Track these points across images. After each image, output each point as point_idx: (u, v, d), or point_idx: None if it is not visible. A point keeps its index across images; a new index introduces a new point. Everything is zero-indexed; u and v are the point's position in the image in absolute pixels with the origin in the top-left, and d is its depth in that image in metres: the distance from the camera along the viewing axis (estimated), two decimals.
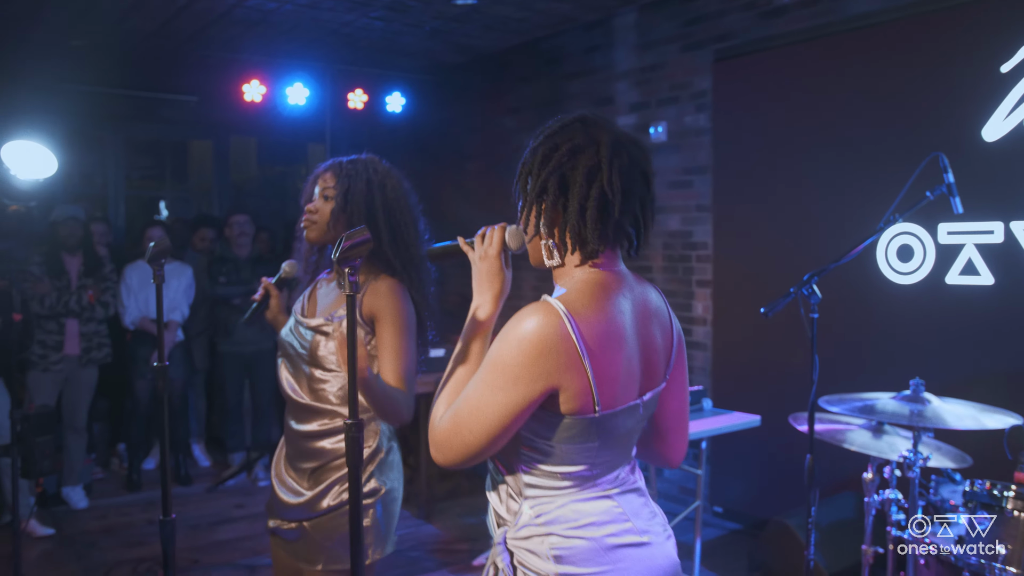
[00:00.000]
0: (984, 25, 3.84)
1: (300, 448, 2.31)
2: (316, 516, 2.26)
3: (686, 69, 5.22)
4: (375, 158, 2.37)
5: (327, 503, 2.25)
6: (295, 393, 2.31)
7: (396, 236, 2.30)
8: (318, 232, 2.32)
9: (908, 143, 4.07)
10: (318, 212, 2.30)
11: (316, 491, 2.26)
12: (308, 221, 2.32)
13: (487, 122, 6.76)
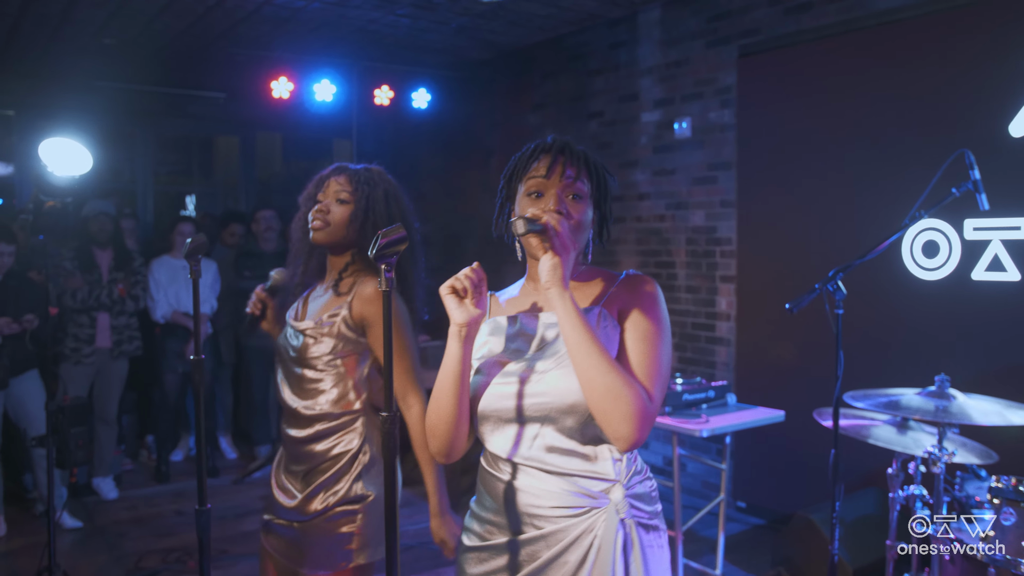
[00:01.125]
0: (1011, 20, 3.81)
1: (294, 452, 2.34)
2: (305, 519, 2.28)
3: (711, 65, 5.22)
4: (383, 170, 2.43)
5: (314, 507, 2.26)
6: (289, 398, 2.34)
7: (408, 255, 2.37)
8: (328, 234, 2.33)
9: (934, 139, 4.06)
10: (331, 213, 2.32)
11: (305, 493, 2.28)
12: (319, 222, 2.32)
13: (510, 118, 6.79)
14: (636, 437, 1.52)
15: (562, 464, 1.62)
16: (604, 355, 1.53)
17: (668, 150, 5.54)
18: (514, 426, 1.66)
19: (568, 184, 1.66)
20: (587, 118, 6.16)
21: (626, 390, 1.52)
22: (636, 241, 5.82)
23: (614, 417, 1.51)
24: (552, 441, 1.62)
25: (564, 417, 1.60)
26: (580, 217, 1.66)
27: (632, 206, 5.84)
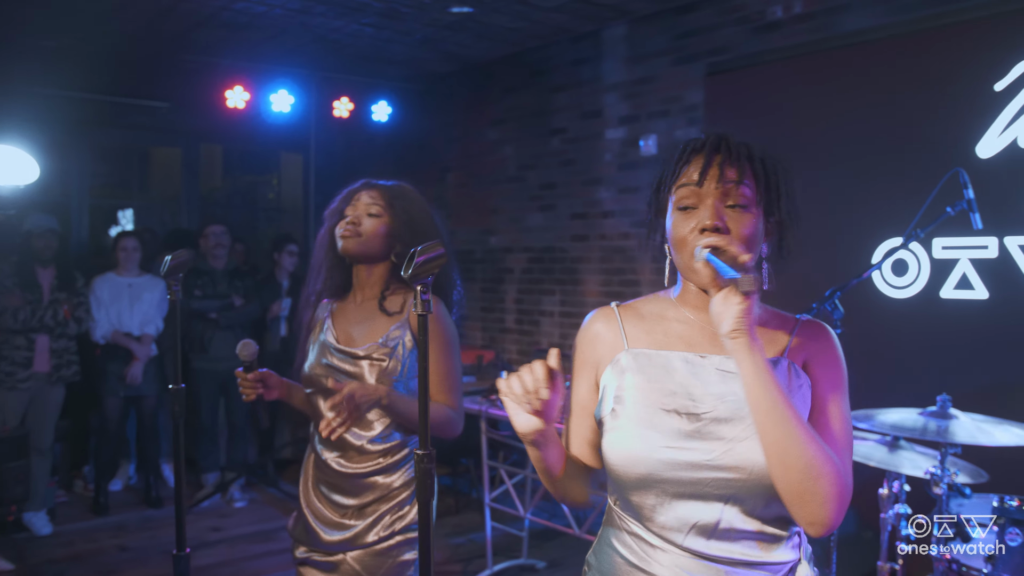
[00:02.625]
0: (978, 44, 3.88)
1: (346, 485, 2.26)
2: (362, 548, 2.21)
3: (677, 82, 5.21)
4: (405, 184, 2.41)
5: (377, 533, 2.21)
6: (350, 433, 2.25)
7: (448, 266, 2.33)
8: (359, 244, 2.28)
9: (904, 159, 4.10)
10: (362, 225, 2.28)
11: (364, 524, 2.22)
12: (350, 232, 2.27)
13: (468, 133, 6.69)
14: (833, 521, 1.26)
15: (748, 552, 1.35)
16: (801, 425, 1.25)
17: (633, 168, 5.51)
18: (689, 504, 1.35)
19: (728, 190, 1.36)
20: (549, 134, 6.09)
21: (827, 467, 1.25)
22: (600, 260, 5.76)
23: (813, 500, 1.24)
24: (738, 524, 1.34)
25: (757, 497, 1.32)
26: (747, 231, 1.35)
27: (596, 224, 5.79)
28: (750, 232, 1.35)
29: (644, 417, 1.37)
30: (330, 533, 2.24)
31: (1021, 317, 3.71)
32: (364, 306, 2.34)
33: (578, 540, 4.54)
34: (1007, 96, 3.76)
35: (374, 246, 2.29)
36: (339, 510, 2.25)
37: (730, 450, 1.32)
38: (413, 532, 2.22)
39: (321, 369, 2.30)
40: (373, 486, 2.22)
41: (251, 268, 6.35)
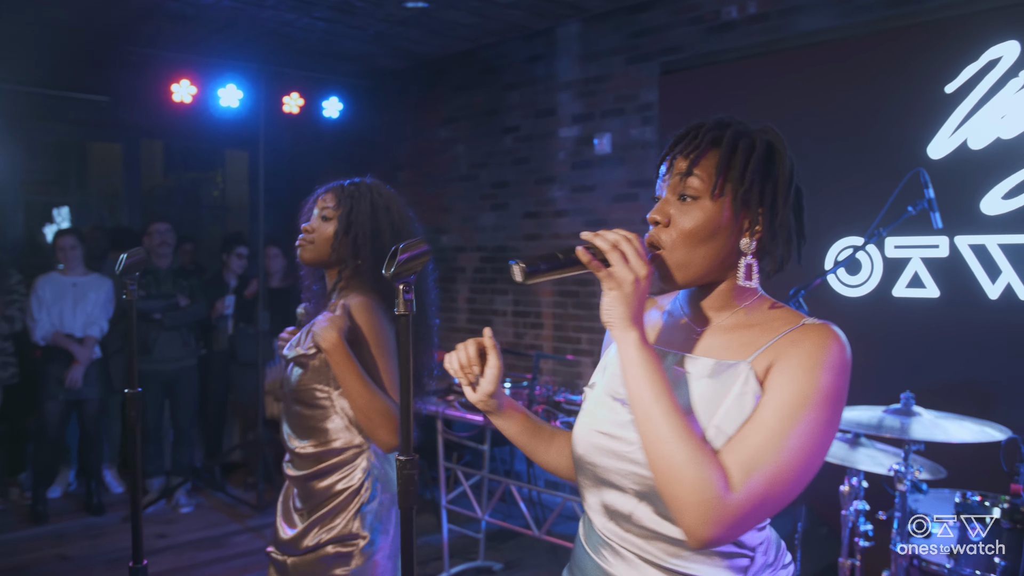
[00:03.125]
0: (930, 47, 3.95)
1: (298, 490, 2.26)
2: (297, 554, 2.19)
3: (632, 81, 5.21)
4: (378, 182, 2.33)
5: (307, 542, 2.16)
6: (288, 439, 2.26)
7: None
8: (314, 253, 2.24)
9: (857, 159, 4.15)
10: (315, 232, 2.24)
11: (300, 528, 2.19)
12: (304, 241, 2.24)
13: (419, 131, 6.61)
14: (702, 534, 1.15)
15: (665, 557, 1.27)
16: (672, 417, 1.18)
17: (587, 166, 5.50)
18: (609, 491, 1.33)
19: (678, 181, 1.30)
20: (502, 133, 6.05)
21: (689, 470, 1.14)
22: None
23: (673, 505, 1.17)
24: (652, 524, 1.27)
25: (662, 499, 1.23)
26: (690, 224, 1.28)
27: (549, 223, 5.76)
28: (693, 225, 1.28)
29: (597, 402, 1.39)
30: (284, 531, 2.25)
31: (971, 315, 3.78)
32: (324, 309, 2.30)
33: (535, 541, 4.51)
34: (957, 98, 3.84)
35: (325, 251, 2.23)
36: (297, 513, 2.25)
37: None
38: (344, 546, 2.13)
39: (285, 374, 2.31)
40: (311, 491, 2.19)
41: (197, 268, 6.17)
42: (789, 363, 1.22)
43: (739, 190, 1.30)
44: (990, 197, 3.73)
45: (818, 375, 1.20)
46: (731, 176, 1.30)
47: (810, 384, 1.19)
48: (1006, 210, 3.69)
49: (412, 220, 2.33)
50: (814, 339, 1.24)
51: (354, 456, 2.19)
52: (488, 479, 4.57)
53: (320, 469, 2.18)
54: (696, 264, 1.29)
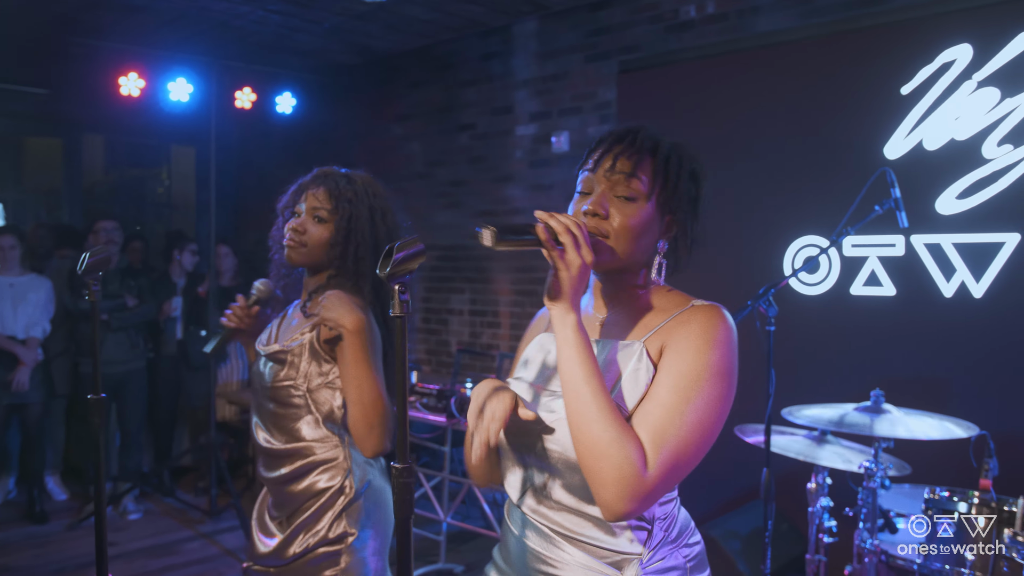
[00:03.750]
0: (886, 49, 4.01)
1: (275, 495, 2.18)
2: (283, 564, 2.10)
3: (589, 80, 5.20)
4: (369, 177, 2.25)
5: (293, 550, 2.08)
6: (264, 438, 2.16)
7: None
8: (306, 257, 2.14)
9: (815, 159, 4.20)
10: (307, 234, 2.12)
11: (283, 537, 2.11)
12: (294, 242, 2.12)
13: (373, 128, 6.51)
14: (619, 508, 1.24)
15: (573, 528, 1.38)
16: (600, 398, 1.25)
17: (545, 165, 5.47)
18: (523, 470, 1.45)
19: (618, 180, 1.38)
20: (457, 130, 5.99)
21: (613, 449, 1.22)
22: (511, 257, 5.70)
23: (595, 480, 1.25)
24: (560, 497, 1.39)
25: (573, 474, 1.35)
26: (627, 221, 1.37)
27: (507, 221, 5.73)
28: (632, 223, 1.37)
29: (517, 388, 1.48)
30: (264, 544, 2.16)
31: (926, 312, 3.85)
32: (299, 308, 2.24)
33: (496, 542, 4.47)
34: (913, 100, 3.91)
35: (318, 255, 2.15)
36: (272, 521, 2.17)
37: (555, 422, 1.37)
38: (333, 546, 2.08)
39: (256, 374, 2.21)
40: (289, 495, 2.12)
41: (146, 267, 5.99)
42: (680, 343, 1.33)
43: (670, 197, 1.42)
44: (945, 197, 3.80)
45: (708, 352, 1.31)
46: (666, 184, 1.42)
47: (701, 361, 1.30)
48: (960, 210, 3.77)
49: (404, 227, 2.26)
50: (701, 319, 1.35)
51: (334, 454, 2.13)
52: (448, 480, 4.52)
53: (298, 469, 2.10)
54: (629, 256, 1.40)
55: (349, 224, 2.10)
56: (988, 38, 3.72)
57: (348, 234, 2.10)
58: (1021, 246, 3.63)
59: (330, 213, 2.12)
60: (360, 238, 2.11)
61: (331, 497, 2.09)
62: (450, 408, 3.86)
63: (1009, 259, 3.66)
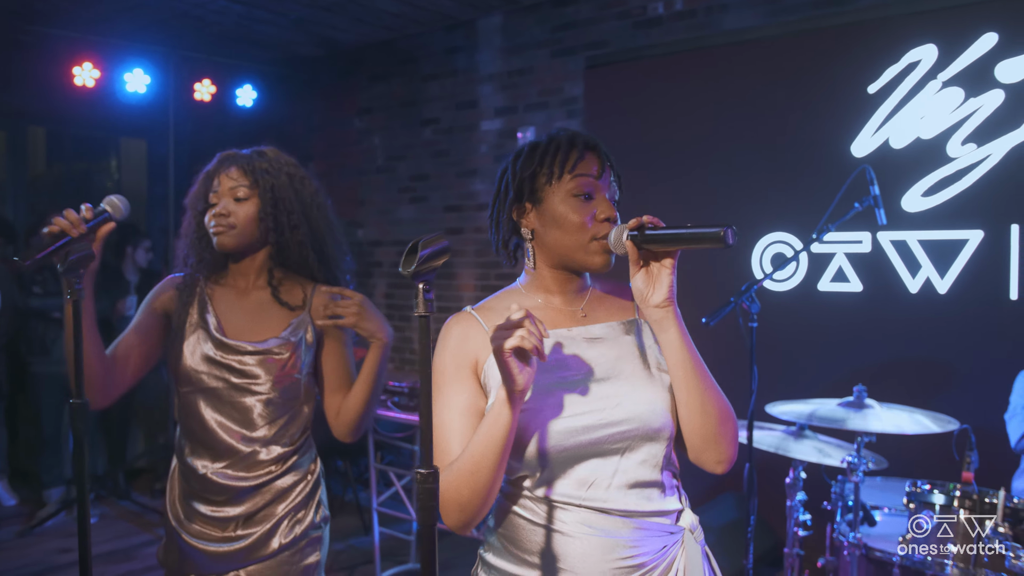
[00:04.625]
0: (853, 48, 4.07)
1: (229, 496, 2.01)
2: (260, 560, 2.00)
3: (556, 75, 5.18)
4: (276, 149, 2.13)
5: (278, 542, 2.00)
6: (233, 437, 2.00)
7: (331, 239, 2.14)
8: (237, 237, 2.03)
9: (783, 156, 4.25)
10: (233, 215, 2.01)
11: (261, 532, 1.99)
12: (222, 227, 2.01)
13: (332, 121, 6.40)
14: (735, 457, 1.47)
15: (643, 502, 1.44)
16: (711, 376, 1.45)
17: None
18: (590, 463, 1.42)
19: (610, 184, 1.55)
20: (421, 125, 5.92)
21: (732, 411, 1.46)
22: (476, 253, 5.66)
23: (724, 439, 1.43)
24: (633, 475, 1.43)
25: (649, 444, 1.44)
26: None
27: (471, 216, 5.68)
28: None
29: (534, 396, 1.42)
30: (218, 546, 2.00)
31: (893, 308, 3.92)
32: (252, 296, 2.10)
33: (466, 540, 4.44)
34: (879, 98, 3.97)
35: (250, 234, 2.04)
36: (222, 524, 2.01)
37: (618, 405, 1.42)
38: (316, 532, 2.08)
39: (204, 365, 2.01)
40: (264, 491, 2.02)
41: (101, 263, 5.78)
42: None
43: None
44: (911, 195, 3.87)
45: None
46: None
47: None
48: (925, 207, 3.84)
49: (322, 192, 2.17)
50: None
51: (305, 447, 2.11)
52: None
53: (277, 473, 2.04)
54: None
55: (273, 193, 2.02)
56: (952, 39, 3.79)
57: (275, 204, 2.02)
58: (984, 243, 3.72)
59: (250, 188, 2.02)
60: (289, 205, 2.04)
61: (313, 487, 2.10)
62: None
63: (972, 256, 3.75)
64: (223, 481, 1.98)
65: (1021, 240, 3.64)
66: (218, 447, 1.99)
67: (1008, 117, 3.66)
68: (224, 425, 2.00)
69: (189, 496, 2.03)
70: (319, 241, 2.10)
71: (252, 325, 2.05)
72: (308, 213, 2.07)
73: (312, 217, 2.08)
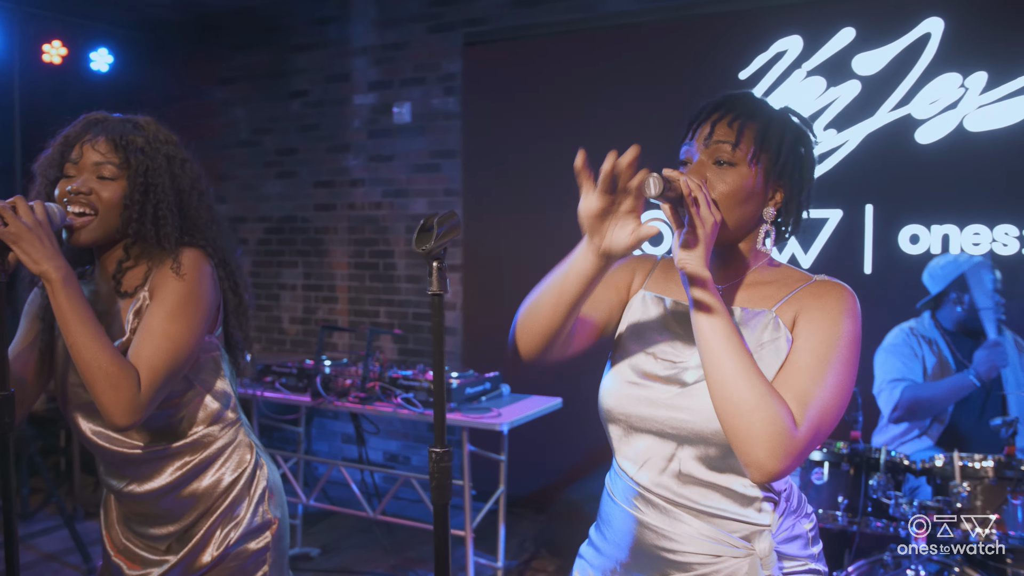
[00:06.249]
0: (726, 36, 4.29)
1: (159, 511, 1.81)
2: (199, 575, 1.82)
3: (433, 51, 5.14)
4: (155, 121, 1.83)
5: (209, 555, 1.80)
6: (118, 445, 1.74)
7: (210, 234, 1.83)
8: (99, 227, 1.70)
9: (660, 137, 4.40)
10: (94, 194, 1.68)
11: (189, 547, 1.80)
12: (82, 203, 1.67)
13: (191, 91, 6.05)
14: (772, 466, 1.21)
15: (700, 500, 1.36)
16: (744, 356, 1.25)
17: (385, 135, 5.36)
18: (647, 439, 1.40)
19: (716, 148, 1.37)
20: (288, 97, 5.71)
21: (764, 403, 1.21)
22: (349, 230, 5.55)
23: (747, 438, 1.22)
24: (689, 469, 1.36)
25: (706, 444, 1.34)
26: (726, 187, 1.35)
27: (344, 193, 5.56)
28: (732, 190, 1.36)
29: (627, 355, 1.45)
30: (154, 570, 1.82)
31: None
32: (107, 289, 1.80)
33: (350, 521, 4.40)
34: (750, 85, 4.21)
35: (113, 221, 1.71)
36: (159, 543, 1.83)
37: (685, 392, 1.36)
38: (260, 539, 1.85)
39: (74, 376, 1.74)
40: (193, 499, 1.80)
41: None
42: (814, 312, 1.34)
43: (774, 163, 1.39)
44: None
45: (843, 321, 1.33)
46: (767, 148, 1.39)
47: (838, 329, 1.32)
48: None
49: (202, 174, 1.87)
50: (835, 293, 1.37)
51: (231, 437, 1.86)
52: (303, 460, 4.37)
53: (188, 471, 1.80)
54: (732, 223, 1.37)
55: (146, 178, 1.70)
56: (815, 32, 4.08)
57: (146, 190, 1.70)
58: (843, 221, 4.04)
59: (118, 168, 1.70)
60: (161, 194, 1.72)
61: (246, 484, 1.85)
62: (315, 387, 3.72)
63: (833, 233, 4.07)
64: (141, 491, 1.78)
65: (875, 219, 3.99)
66: (114, 461, 1.78)
67: (864, 106, 3.99)
68: (105, 435, 1.75)
69: (125, 519, 1.86)
70: (194, 238, 1.80)
71: (108, 326, 1.75)
72: (184, 203, 1.78)
73: (188, 208, 1.79)
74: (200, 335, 1.71)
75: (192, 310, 1.69)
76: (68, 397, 1.76)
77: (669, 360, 1.42)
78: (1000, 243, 3.73)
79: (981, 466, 2.54)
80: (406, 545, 4.31)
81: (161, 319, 1.65)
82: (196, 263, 1.74)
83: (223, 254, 1.84)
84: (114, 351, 1.56)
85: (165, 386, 1.64)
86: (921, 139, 3.88)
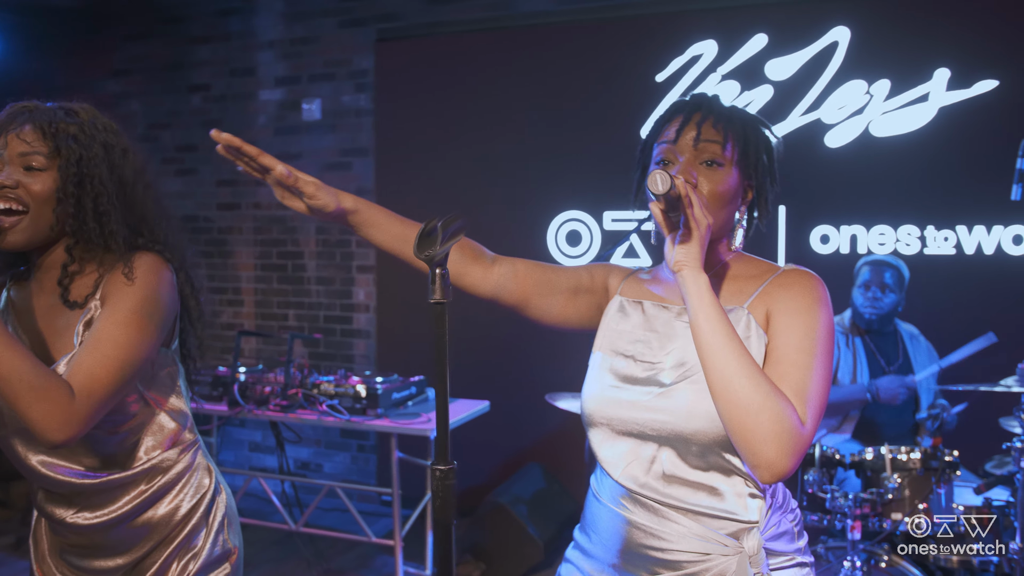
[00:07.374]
0: (642, 38, 4.34)
1: (106, 541, 1.66)
2: None
3: (344, 46, 5.00)
4: (92, 108, 1.66)
5: None
6: (64, 474, 1.59)
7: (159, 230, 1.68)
8: (30, 226, 1.54)
9: (577, 137, 4.44)
10: (23, 188, 1.52)
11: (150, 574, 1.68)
12: (10, 197, 1.52)
13: (84, 82, 5.70)
14: (782, 464, 1.22)
15: (687, 499, 1.36)
16: (745, 355, 1.26)
17: (293, 132, 5.18)
18: (628, 441, 1.40)
19: (703, 147, 1.37)
20: (188, 91, 5.45)
21: (770, 402, 1.22)
22: (254, 230, 5.35)
23: (755, 436, 1.21)
24: (673, 469, 1.36)
25: (686, 443, 1.35)
26: (716, 187, 1.37)
27: (248, 192, 5.36)
28: (721, 190, 1.38)
29: (605, 359, 1.47)
30: None
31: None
32: (44, 300, 1.63)
33: (262, 533, 4.26)
34: (667, 87, 4.28)
35: (47, 218, 1.55)
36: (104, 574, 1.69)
37: (663, 393, 1.37)
38: (217, 571, 1.72)
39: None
40: (147, 529, 1.66)
41: None
42: (787, 304, 1.36)
43: (750, 163, 1.42)
44: None
45: (818, 311, 1.35)
46: (746, 150, 1.42)
47: (814, 320, 1.34)
48: None
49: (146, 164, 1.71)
50: (803, 281, 1.39)
51: (189, 460, 1.71)
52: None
53: (145, 500, 1.66)
54: (716, 223, 1.38)
55: (80, 168, 1.55)
56: (730, 37, 4.18)
57: (81, 181, 1.55)
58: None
59: (48, 157, 1.54)
60: (99, 186, 1.56)
61: (204, 512, 1.71)
62: (233, 395, 3.55)
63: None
64: (89, 522, 1.63)
65: (787, 219, 4.12)
66: (62, 491, 1.62)
67: (776, 110, 4.11)
68: (48, 463, 1.59)
69: (62, 552, 1.70)
70: (147, 240, 1.65)
71: (54, 338, 1.60)
72: (128, 196, 1.63)
73: (134, 202, 1.64)
74: (154, 345, 1.56)
75: (147, 317, 1.54)
76: (7, 422, 1.57)
77: (647, 362, 1.43)
78: (903, 243, 3.92)
79: (909, 458, 2.65)
80: (327, 556, 4.18)
81: (110, 325, 1.50)
82: (153, 268, 1.60)
83: (181, 257, 1.71)
84: (35, 361, 1.39)
85: (110, 398, 1.46)
86: (830, 143, 4.03)
